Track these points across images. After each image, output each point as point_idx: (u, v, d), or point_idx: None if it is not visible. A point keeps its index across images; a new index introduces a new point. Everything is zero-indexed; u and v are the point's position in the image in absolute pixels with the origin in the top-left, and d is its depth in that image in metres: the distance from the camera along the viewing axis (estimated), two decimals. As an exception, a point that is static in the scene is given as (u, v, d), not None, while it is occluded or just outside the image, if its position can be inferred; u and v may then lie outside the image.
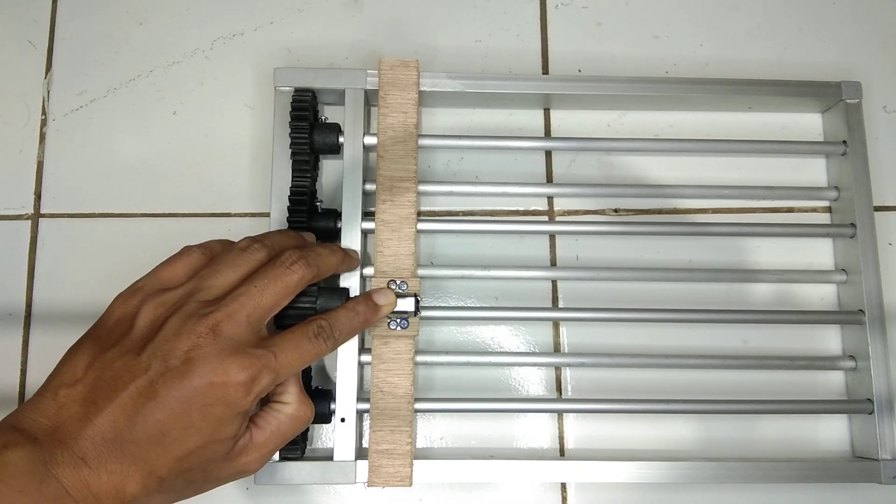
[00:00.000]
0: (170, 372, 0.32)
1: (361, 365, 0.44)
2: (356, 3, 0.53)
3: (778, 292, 0.50)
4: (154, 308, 0.35)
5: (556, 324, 0.49)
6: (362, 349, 0.45)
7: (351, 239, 0.45)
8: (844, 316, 0.48)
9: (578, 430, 0.48)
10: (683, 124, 0.52)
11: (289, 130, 0.45)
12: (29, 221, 0.49)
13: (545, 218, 0.51)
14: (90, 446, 0.31)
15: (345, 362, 0.44)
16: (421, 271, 0.46)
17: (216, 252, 0.38)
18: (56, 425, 0.31)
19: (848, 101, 0.49)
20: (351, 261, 0.42)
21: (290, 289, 0.36)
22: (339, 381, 0.44)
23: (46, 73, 0.51)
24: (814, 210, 0.51)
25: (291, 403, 0.37)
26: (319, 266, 0.38)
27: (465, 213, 0.50)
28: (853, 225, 0.48)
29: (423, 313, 0.46)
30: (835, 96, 0.50)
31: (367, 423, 0.44)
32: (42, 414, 0.32)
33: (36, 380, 0.47)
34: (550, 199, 0.51)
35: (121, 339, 0.34)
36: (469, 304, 0.49)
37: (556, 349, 0.49)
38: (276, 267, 0.37)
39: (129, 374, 0.32)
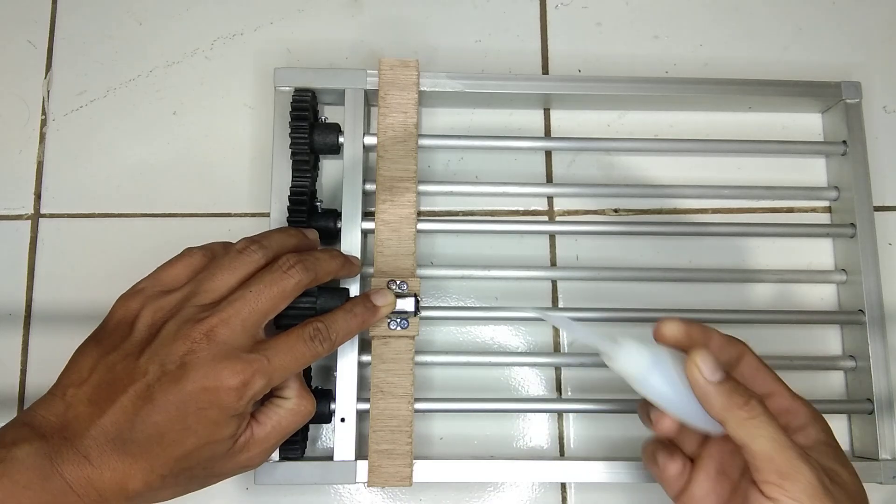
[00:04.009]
0: (166, 376, 0.33)
1: (361, 365, 0.44)
2: (356, 3, 0.53)
3: (778, 292, 0.50)
4: (153, 312, 0.35)
5: (556, 324, 0.49)
6: (362, 349, 0.45)
7: (351, 239, 0.45)
8: (844, 316, 0.48)
9: (578, 430, 0.48)
10: (683, 124, 0.52)
11: (289, 130, 0.45)
12: (29, 221, 0.49)
13: (545, 218, 0.51)
14: (93, 445, 0.32)
15: (345, 362, 0.44)
16: (421, 271, 0.46)
17: (217, 254, 0.38)
18: (64, 423, 0.33)
19: (848, 101, 0.49)
20: (352, 266, 0.42)
21: (286, 293, 0.36)
22: (339, 381, 0.44)
23: (46, 73, 0.51)
24: (814, 210, 0.51)
25: (292, 398, 0.38)
26: (317, 271, 0.38)
27: (465, 213, 0.50)
28: (853, 225, 0.48)
29: (423, 313, 0.46)
30: (835, 96, 0.50)
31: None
32: (52, 412, 0.33)
33: (36, 380, 0.47)
34: (550, 199, 0.51)
35: (122, 342, 0.35)
36: (469, 304, 0.49)
37: (556, 349, 0.49)
38: (272, 271, 0.37)
39: (129, 378, 0.33)
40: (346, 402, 0.43)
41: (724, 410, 0.33)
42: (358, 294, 0.44)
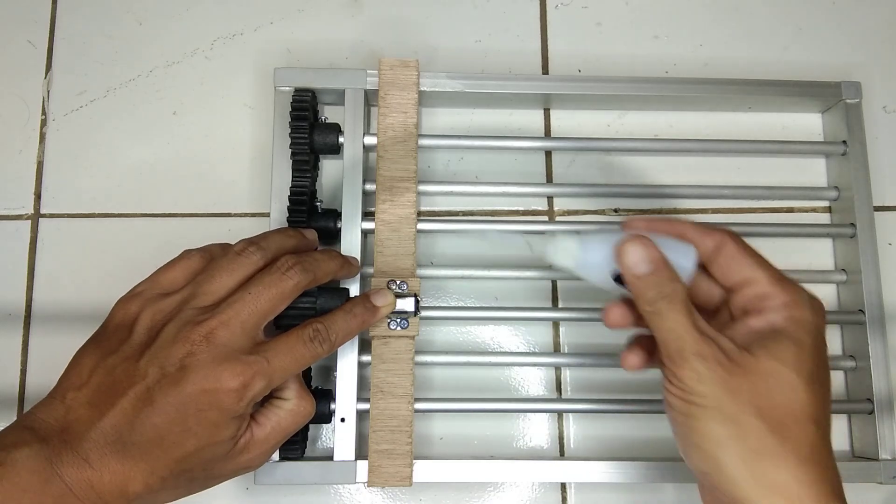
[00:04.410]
0: (166, 379, 0.33)
1: (361, 365, 0.44)
2: (356, 3, 0.53)
3: (778, 292, 0.50)
4: (152, 314, 0.35)
5: (555, 324, 0.49)
6: (362, 349, 0.45)
7: (351, 239, 0.45)
8: (844, 316, 0.48)
9: (578, 430, 0.48)
10: (683, 124, 0.52)
11: (289, 130, 0.45)
12: (29, 221, 0.49)
13: (545, 218, 0.51)
14: (93, 448, 0.32)
15: (345, 362, 0.44)
16: (421, 271, 0.46)
17: (216, 255, 0.38)
18: (64, 426, 0.33)
19: (848, 101, 0.49)
20: (350, 267, 0.42)
21: (285, 295, 0.37)
22: (339, 381, 0.44)
23: (46, 73, 0.51)
24: (814, 210, 0.51)
25: (291, 399, 0.38)
26: (316, 272, 0.38)
27: (465, 213, 0.50)
28: (853, 225, 0.48)
29: (423, 313, 0.46)
30: (835, 96, 0.50)
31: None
32: (51, 415, 0.33)
33: (36, 380, 0.47)
34: (550, 199, 0.51)
35: (121, 345, 0.35)
36: (469, 304, 0.49)
37: (556, 349, 0.49)
38: (271, 273, 0.37)
39: (129, 380, 0.33)
40: (346, 402, 0.43)
41: (638, 300, 0.35)
42: (358, 294, 0.44)
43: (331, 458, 0.43)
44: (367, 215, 0.46)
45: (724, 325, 0.36)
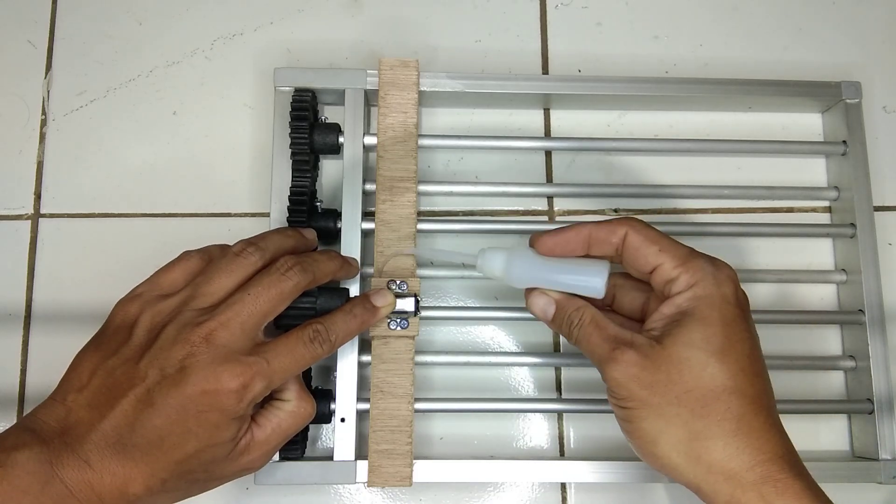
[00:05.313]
0: (166, 380, 0.33)
1: (361, 365, 0.44)
2: (356, 3, 0.53)
3: (778, 292, 0.50)
4: (152, 316, 0.35)
5: (556, 324, 0.49)
6: (362, 349, 0.45)
7: (351, 239, 0.45)
8: (844, 316, 0.49)
9: (578, 430, 0.48)
10: (683, 124, 0.52)
11: (289, 130, 0.45)
12: (29, 221, 0.49)
13: (545, 218, 0.51)
14: (94, 450, 0.32)
15: (345, 362, 0.44)
16: (421, 271, 0.46)
17: (215, 256, 0.38)
18: (64, 428, 0.33)
19: (848, 101, 0.49)
20: (350, 268, 0.42)
21: (284, 295, 0.37)
22: (339, 381, 0.44)
23: (46, 73, 0.51)
24: (814, 210, 0.51)
25: (291, 400, 0.38)
26: (315, 272, 0.38)
27: (465, 213, 0.50)
28: (853, 225, 0.48)
29: (423, 313, 0.46)
30: (835, 96, 0.50)
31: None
32: (52, 417, 0.33)
33: (36, 380, 0.47)
34: (550, 199, 0.51)
35: (121, 347, 0.35)
36: (469, 304, 0.49)
37: (556, 349, 0.49)
38: (271, 274, 0.37)
39: (129, 382, 0.33)
40: (346, 402, 0.43)
41: (563, 335, 0.39)
42: (358, 294, 0.44)
43: (331, 458, 0.43)
44: (367, 215, 0.46)
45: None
